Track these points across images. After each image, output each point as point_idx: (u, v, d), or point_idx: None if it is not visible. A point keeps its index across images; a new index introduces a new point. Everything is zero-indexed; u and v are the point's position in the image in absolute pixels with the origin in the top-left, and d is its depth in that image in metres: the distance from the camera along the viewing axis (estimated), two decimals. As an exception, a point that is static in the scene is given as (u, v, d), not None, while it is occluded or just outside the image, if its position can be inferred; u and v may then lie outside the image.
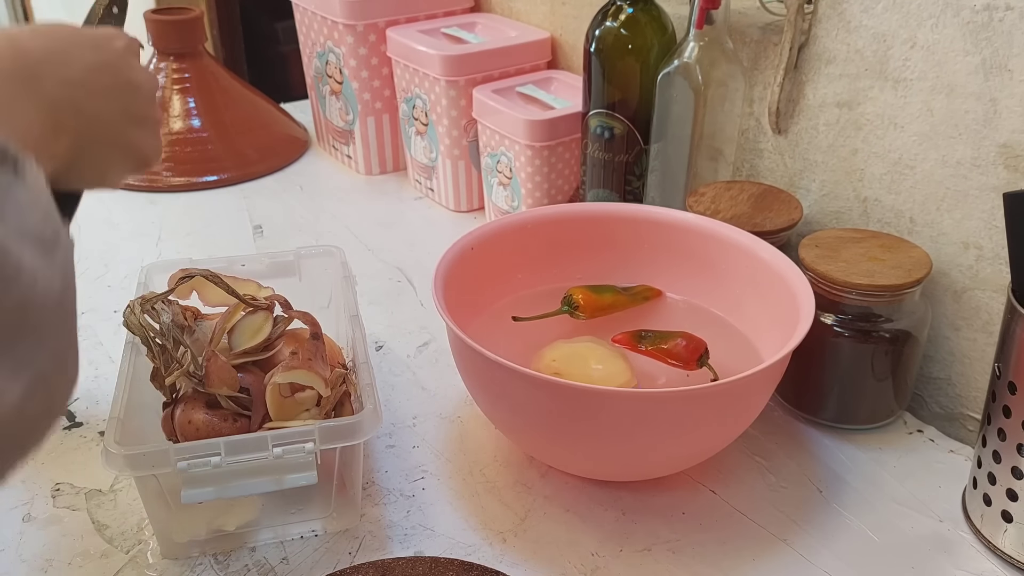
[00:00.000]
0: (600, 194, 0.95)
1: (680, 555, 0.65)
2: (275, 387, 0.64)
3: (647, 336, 0.75)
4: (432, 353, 0.88)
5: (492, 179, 1.05)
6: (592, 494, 0.71)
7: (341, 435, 0.62)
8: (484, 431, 0.77)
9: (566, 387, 0.62)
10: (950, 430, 0.78)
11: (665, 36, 0.88)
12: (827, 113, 0.82)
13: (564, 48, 1.12)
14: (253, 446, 0.60)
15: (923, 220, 0.77)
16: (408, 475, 0.73)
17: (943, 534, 0.67)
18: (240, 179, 1.23)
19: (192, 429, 0.64)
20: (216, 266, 0.73)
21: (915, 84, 0.74)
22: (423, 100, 1.11)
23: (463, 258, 0.76)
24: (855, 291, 0.72)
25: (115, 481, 0.71)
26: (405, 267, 1.03)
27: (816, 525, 0.68)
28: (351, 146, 1.24)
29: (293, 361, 0.66)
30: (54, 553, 0.65)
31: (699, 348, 0.73)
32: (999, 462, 0.63)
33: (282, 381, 0.65)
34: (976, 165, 0.71)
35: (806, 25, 0.80)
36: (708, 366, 0.73)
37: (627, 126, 0.90)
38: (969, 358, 0.76)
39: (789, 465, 0.74)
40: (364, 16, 1.13)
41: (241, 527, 0.65)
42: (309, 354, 0.68)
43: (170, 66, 1.25)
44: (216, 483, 0.61)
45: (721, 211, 0.81)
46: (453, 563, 0.63)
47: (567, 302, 0.79)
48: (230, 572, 0.64)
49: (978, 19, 0.68)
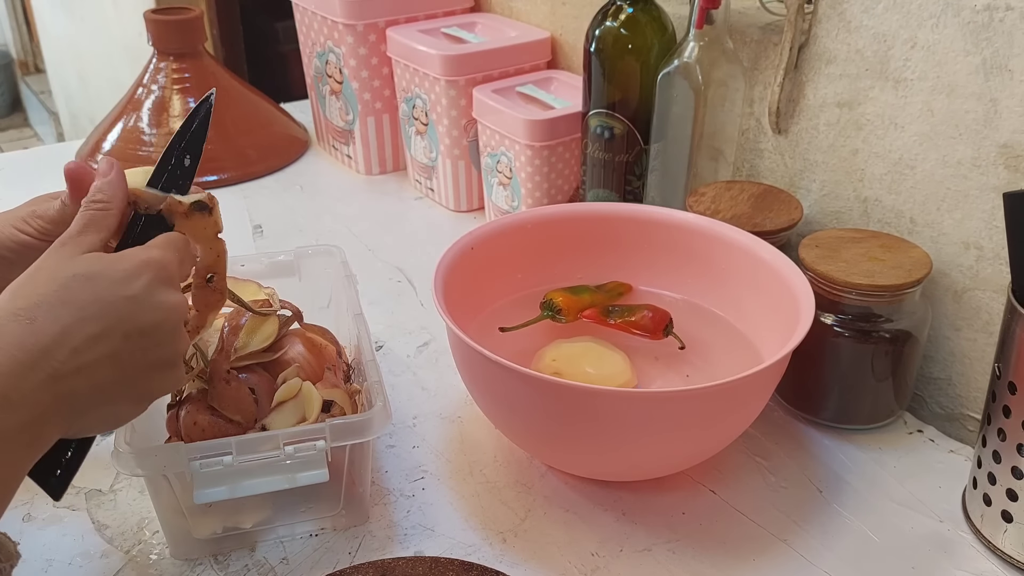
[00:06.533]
0: (600, 194, 0.94)
1: (680, 555, 0.65)
2: None
3: (615, 310, 0.79)
4: (432, 353, 0.88)
5: (492, 179, 1.05)
6: (592, 494, 0.71)
7: (352, 432, 0.62)
8: (484, 431, 0.77)
9: (566, 387, 0.62)
10: (950, 430, 0.78)
11: (665, 36, 0.88)
12: (827, 113, 0.82)
13: (564, 48, 1.12)
14: (264, 445, 0.60)
15: (923, 220, 0.77)
16: (408, 475, 0.73)
17: (943, 534, 0.67)
18: (240, 179, 1.23)
19: (198, 431, 0.64)
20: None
21: (915, 84, 0.74)
22: (423, 100, 1.11)
23: (463, 258, 0.76)
24: (855, 291, 0.72)
25: (115, 481, 0.71)
26: (405, 267, 1.03)
27: (816, 525, 0.68)
28: (351, 146, 1.24)
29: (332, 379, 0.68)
30: (54, 553, 0.66)
31: (664, 319, 0.78)
32: (999, 462, 0.63)
33: (329, 398, 0.66)
34: (976, 165, 0.71)
35: (806, 25, 0.80)
36: (674, 335, 0.77)
37: (627, 126, 0.90)
38: (969, 358, 0.76)
39: (789, 465, 0.74)
40: (364, 16, 1.13)
41: (256, 525, 0.66)
42: (344, 376, 0.70)
43: (170, 66, 1.25)
44: (228, 482, 0.61)
45: (721, 211, 0.81)
46: (453, 563, 0.63)
47: (547, 307, 0.79)
48: (230, 572, 0.64)
49: (978, 19, 0.68)
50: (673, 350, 0.78)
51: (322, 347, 0.72)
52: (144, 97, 1.25)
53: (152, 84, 1.25)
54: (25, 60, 4.20)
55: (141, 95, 1.25)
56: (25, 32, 4.11)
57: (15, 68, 4.24)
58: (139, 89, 1.26)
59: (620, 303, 0.81)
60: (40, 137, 4.06)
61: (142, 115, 1.24)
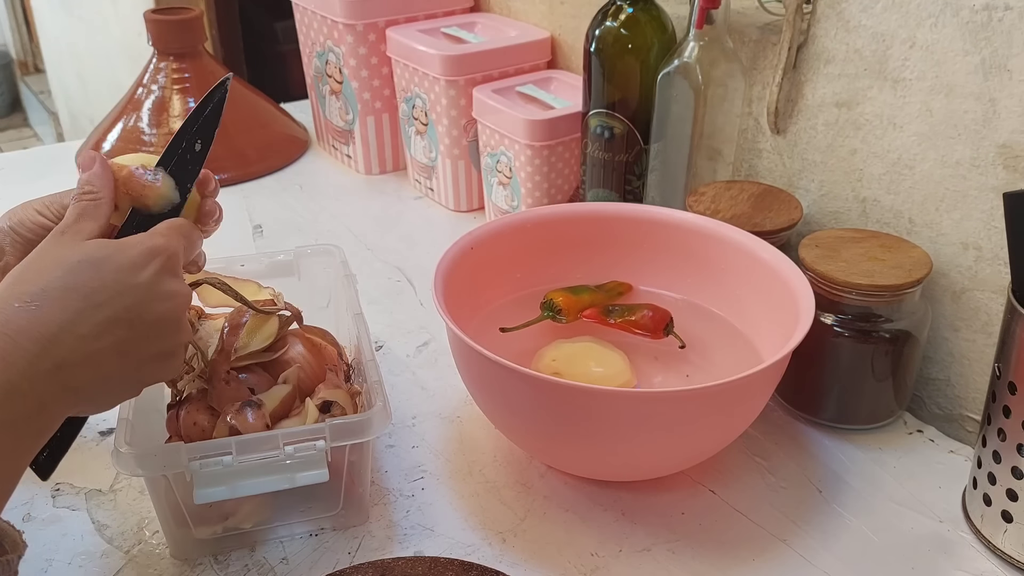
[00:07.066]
0: (600, 194, 0.95)
1: (680, 555, 0.65)
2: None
3: (615, 310, 0.79)
4: (432, 353, 0.88)
5: (492, 179, 1.05)
6: (592, 494, 0.71)
7: (351, 432, 0.62)
8: (484, 431, 0.77)
9: (566, 387, 0.62)
10: (950, 431, 0.78)
11: (665, 36, 0.88)
12: (826, 113, 0.82)
13: (564, 48, 1.12)
14: (264, 445, 0.61)
15: (922, 220, 0.77)
16: (408, 475, 0.73)
17: (943, 534, 0.67)
18: (240, 179, 1.23)
19: (198, 431, 0.64)
20: (215, 266, 0.73)
21: (914, 84, 0.74)
22: (423, 100, 1.12)
23: (463, 258, 0.76)
24: (855, 291, 0.72)
25: (115, 481, 0.71)
26: (405, 267, 1.03)
27: (816, 525, 0.68)
28: (351, 146, 1.24)
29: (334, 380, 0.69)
30: (54, 553, 0.66)
31: (664, 318, 0.77)
32: (999, 462, 0.63)
33: (330, 399, 0.66)
34: (975, 165, 0.71)
35: (805, 25, 0.80)
36: (674, 334, 0.77)
37: (627, 126, 0.90)
38: (968, 359, 0.76)
39: (789, 465, 0.74)
40: (364, 16, 1.13)
41: (256, 525, 0.66)
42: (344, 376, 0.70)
43: (170, 66, 1.25)
44: (228, 482, 0.61)
45: (721, 211, 0.81)
46: (453, 563, 0.63)
47: (547, 307, 0.79)
48: (230, 572, 0.64)
49: (977, 19, 0.68)
50: (673, 350, 0.78)
51: (322, 347, 0.72)
52: (144, 97, 1.25)
53: (152, 84, 1.25)
54: (25, 60, 4.20)
55: (141, 95, 1.25)
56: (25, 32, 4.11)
57: (15, 68, 4.24)
58: (139, 89, 1.26)
59: (620, 303, 0.81)
60: (40, 137, 4.06)
61: (142, 115, 1.24)
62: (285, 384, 0.67)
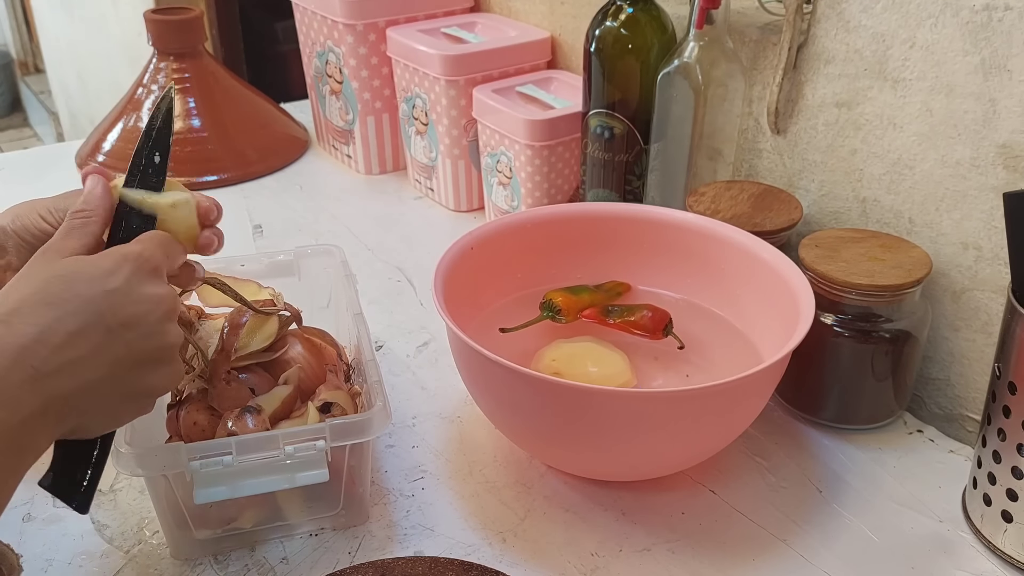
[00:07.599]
0: (600, 194, 0.95)
1: (680, 555, 0.65)
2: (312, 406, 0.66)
3: (614, 310, 0.79)
4: (432, 353, 0.88)
5: (492, 179, 1.05)
6: (592, 494, 0.71)
7: (352, 432, 0.62)
8: (484, 431, 0.77)
9: (566, 387, 0.62)
10: (950, 430, 0.78)
11: (665, 36, 0.88)
12: (826, 113, 0.82)
13: (564, 48, 1.12)
14: (264, 445, 0.61)
15: (922, 220, 0.77)
16: (408, 475, 0.73)
17: (943, 534, 0.67)
18: (240, 179, 1.23)
19: (198, 431, 0.64)
20: (216, 266, 0.73)
21: (914, 84, 0.74)
22: (423, 100, 1.12)
23: (463, 258, 0.76)
24: (855, 291, 0.72)
25: (115, 481, 0.71)
26: (405, 267, 1.03)
27: (816, 525, 0.68)
28: (351, 146, 1.24)
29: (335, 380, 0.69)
30: (54, 553, 0.66)
31: (664, 319, 0.77)
32: (999, 462, 0.63)
33: (331, 400, 0.66)
34: (975, 165, 0.71)
35: (805, 25, 0.80)
36: (674, 334, 0.77)
37: (627, 126, 0.90)
38: (968, 359, 0.76)
39: (789, 465, 0.74)
40: (364, 16, 1.13)
41: (256, 525, 0.66)
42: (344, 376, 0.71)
43: (170, 66, 1.25)
44: (228, 482, 0.61)
45: (721, 211, 0.81)
46: (453, 563, 0.63)
47: (547, 307, 0.79)
48: (230, 572, 0.64)
49: (977, 19, 0.68)
50: (673, 350, 0.78)
51: (322, 348, 0.72)
52: (144, 97, 1.25)
53: (152, 84, 1.25)
54: (25, 60, 4.20)
55: (141, 95, 1.25)
56: (25, 32, 4.11)
57: (15, 68, 4.24)
58: (139, 89, 1.26)
59: (620, 303, 0.81)
60: (40, 137, 4.06)
61: (142, 115, 1.24)
62: (286, 385, 0.67)
